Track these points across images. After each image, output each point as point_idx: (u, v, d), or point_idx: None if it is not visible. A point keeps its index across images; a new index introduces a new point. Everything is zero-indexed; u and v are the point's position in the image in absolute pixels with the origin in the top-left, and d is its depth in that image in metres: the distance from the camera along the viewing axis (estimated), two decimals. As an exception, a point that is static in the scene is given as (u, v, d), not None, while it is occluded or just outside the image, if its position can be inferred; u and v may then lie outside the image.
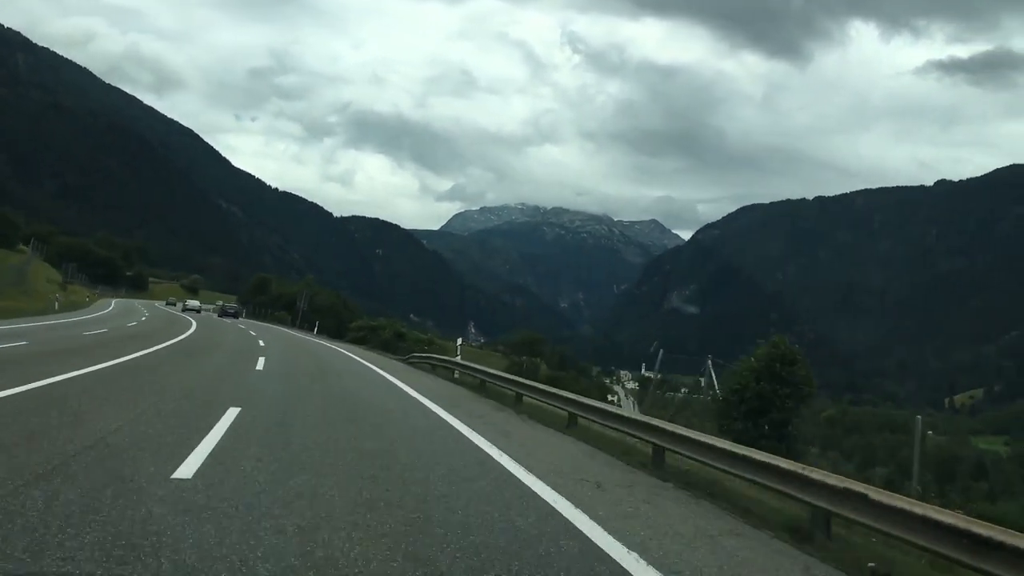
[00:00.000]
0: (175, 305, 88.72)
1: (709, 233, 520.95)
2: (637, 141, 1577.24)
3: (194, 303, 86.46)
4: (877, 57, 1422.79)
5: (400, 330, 56.10)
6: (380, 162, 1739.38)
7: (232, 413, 10.81)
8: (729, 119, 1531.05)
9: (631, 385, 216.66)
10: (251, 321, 74.26)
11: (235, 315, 75.90)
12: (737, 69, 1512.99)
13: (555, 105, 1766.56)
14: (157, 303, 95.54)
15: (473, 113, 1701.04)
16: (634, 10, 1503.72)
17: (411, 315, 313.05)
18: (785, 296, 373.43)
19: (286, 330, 63.91)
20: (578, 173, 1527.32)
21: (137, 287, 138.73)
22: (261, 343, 32.52)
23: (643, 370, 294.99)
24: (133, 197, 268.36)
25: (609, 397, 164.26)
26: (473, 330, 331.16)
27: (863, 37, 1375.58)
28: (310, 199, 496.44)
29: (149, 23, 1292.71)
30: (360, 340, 52.83)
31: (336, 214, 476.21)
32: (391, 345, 47.07)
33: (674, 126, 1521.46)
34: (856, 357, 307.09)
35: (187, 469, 7.07)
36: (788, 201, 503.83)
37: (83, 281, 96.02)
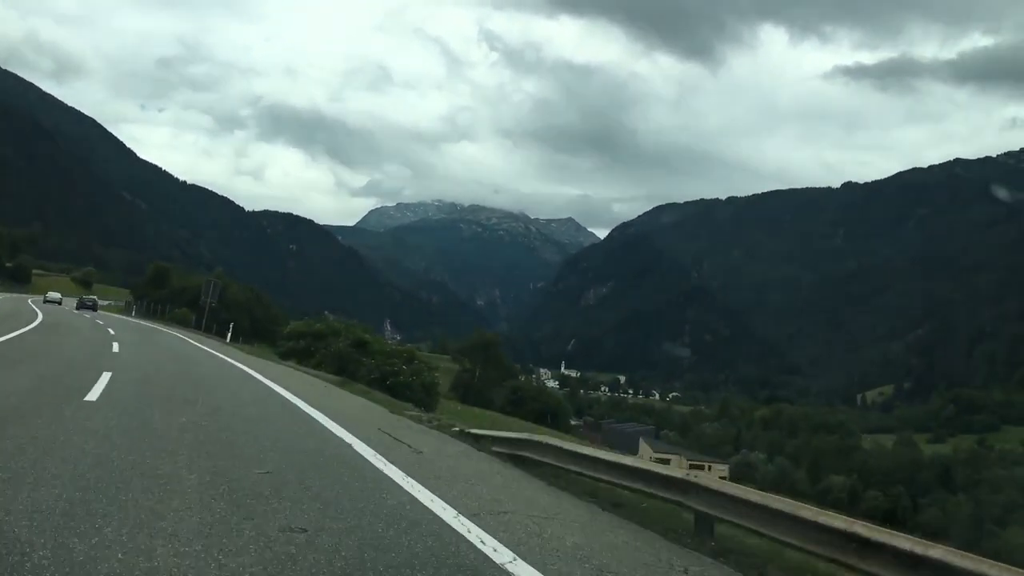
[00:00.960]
0: (59, 303, 74.35)
1: (625, 231, 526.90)
2: (554, 140, 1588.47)
3: (55, 295, 79.68)
4: (786, 61, 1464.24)
5: (363, 338, 35.81)
6: (294, 156, 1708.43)
7: None
8: (644, 119, 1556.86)
9: (552, 384, 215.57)
10: (138, 323, 56.27)
11: (92, 307, 70.04)
12: (651, 70, 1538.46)
13: (472, 102, 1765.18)
14: (31, 298, 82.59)
15: (389, 108, 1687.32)
16: (550, 8, 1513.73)
17: (326, 312, 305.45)
18: (701, 293, 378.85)
19: (180, 335, 42.89)
20: (495, 171, 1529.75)
21: (17, 279, 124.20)
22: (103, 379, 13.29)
23: (563, 368, 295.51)
24: (28, 187, 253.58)
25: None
26: (389, 327, 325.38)
27: (773, 41, 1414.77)
28: (221, 193, 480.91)
29: (49, 7, 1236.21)
30: (299, 354, 35.80)
31: (248, 208, 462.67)
32: (350, 363, 30.50)
33: (590, 125, 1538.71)
34: (769, 354, 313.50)
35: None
36: (702, 200, 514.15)
37: None
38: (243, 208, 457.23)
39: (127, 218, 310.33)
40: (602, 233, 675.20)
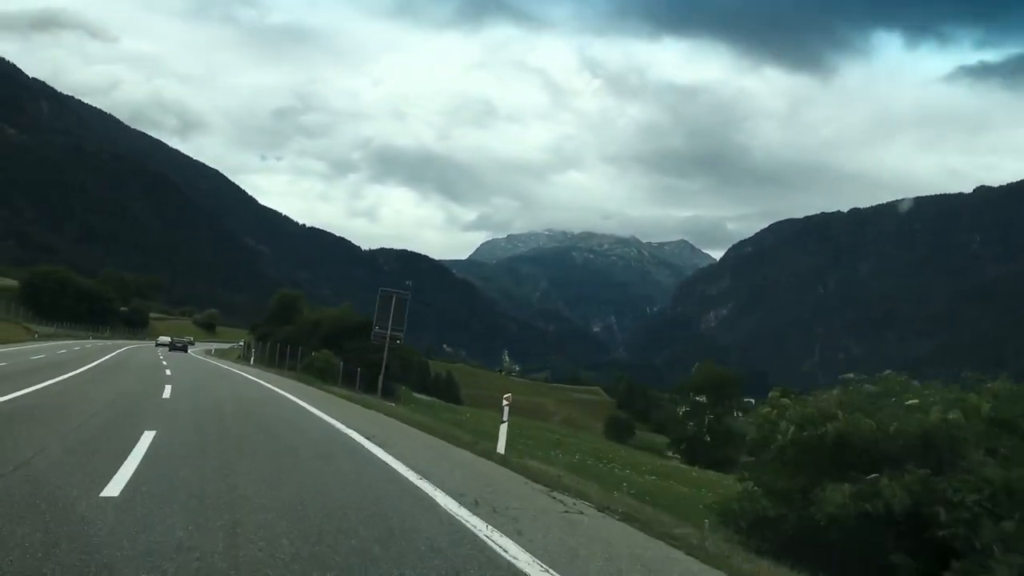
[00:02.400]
0: (167, 346, 70.55)
1: (742, 250, 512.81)
2: (661, 162, 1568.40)
3: (165, 339, 76.32)
4: (902, 66, 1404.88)
5: None
6: (405, 195, 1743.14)
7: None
8: (753, 135, 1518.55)
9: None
10: (257, 373, 39.98)
11: (183, 348, 69.65)
12: (759, 85, 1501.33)
13: (576, 130, 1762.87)
14: (135, 344, 76.26)
15: (495, 142, 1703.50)
16: (652, 31, 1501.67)
17: (444, 345, 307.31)
18: (828, 310, 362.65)
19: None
20: (603, 197, 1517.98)
21: (134, 324, 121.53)
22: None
23: (691, 394, 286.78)
24: (159, 238, 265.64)
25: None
26: (507, 358, 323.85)
27: (888, 46, 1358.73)
28: (337, 234, 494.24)
29: (171, 68, 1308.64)
30: None
31: (364, 247, 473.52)
32: None
33: (697, 145, 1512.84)
34: (908, 370, 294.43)
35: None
36: (822, 214, 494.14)
37: (19, 315, 77.74)
38: (359, 248, 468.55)
39: (251, 263, 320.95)
40: (717, 253, 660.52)
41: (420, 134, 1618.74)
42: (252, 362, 57.39)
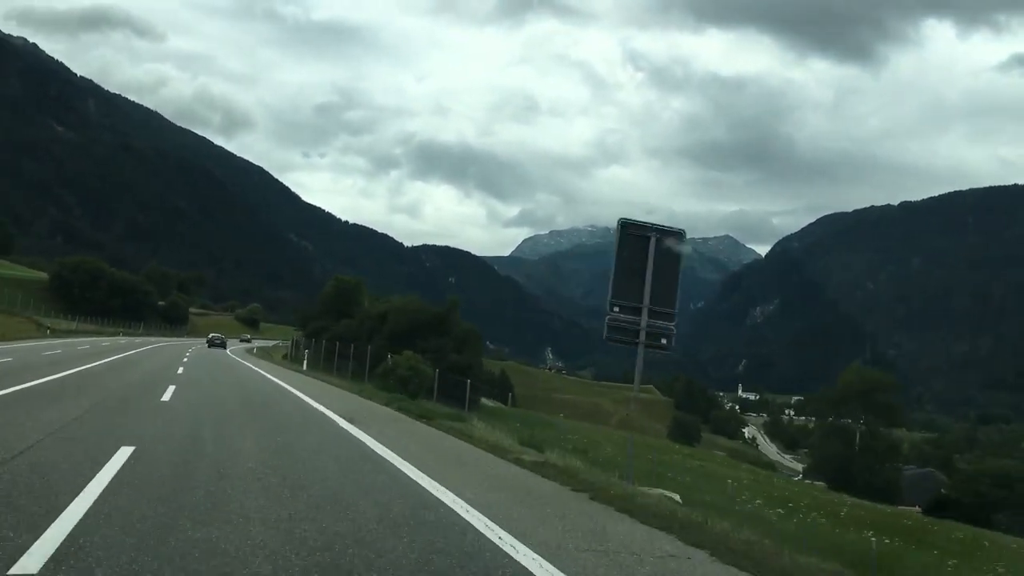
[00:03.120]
0: (221, 344, 65.98)
1: (788, 244, 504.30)
2: (705, 156, 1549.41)
3: (220, 337, 72.00)
4: (954, 55, 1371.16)
5: None
6: (447, 191, 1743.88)
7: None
8: (800, 128, 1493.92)
9: (729, 407, 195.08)
10: (320, 388, 26.44)
11: (221, 345, 65.87)
12: (806, 77, 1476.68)
13: (619, 124, 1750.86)
14: (187, 343, 69.30)
15: (537, 137, 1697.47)
16: (696, 23, 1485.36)
17: (488, 342, 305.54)
18: (879, 305, 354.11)
19: None
20: (646, 191, 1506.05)
21: (172, 320, 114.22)
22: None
23: (740, 391, 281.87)
24: (204, 235, 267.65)
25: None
26: (551, 355, 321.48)
27: (939, 36, 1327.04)
28: (380, 230, 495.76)
29: (217, 67, 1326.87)
30: None
31: (407, 244, 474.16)
32: None
33: (742, 138, 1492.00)
34: (965, 367, 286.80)
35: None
36: (872, 208, 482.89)
37: (39, 309, 70.22)
38: (402, 244, 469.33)
39: (295, 259, 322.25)
40: (762, 249, 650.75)
41: (462, 130, 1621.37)
42: (306, 366, 42.48)
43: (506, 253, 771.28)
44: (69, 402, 13.17)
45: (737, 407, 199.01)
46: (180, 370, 27.25)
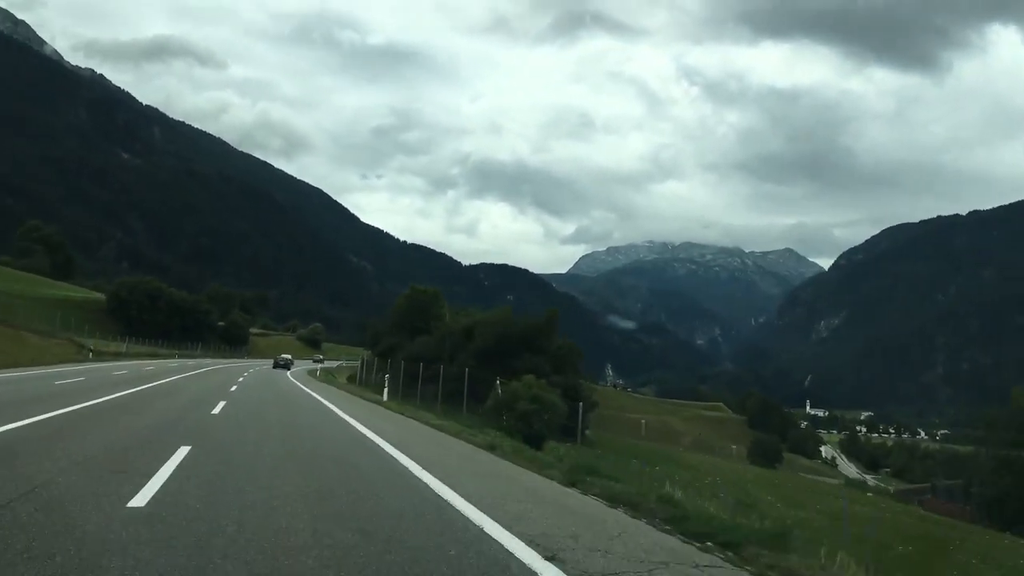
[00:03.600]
0: (284, 365, 64.74)
1: (853, 257, 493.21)
2: (762, 169, 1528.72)
3: (286, 357, 71.18)
4: (1020, 61, 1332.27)
5: None
6: (503, 210, 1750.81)
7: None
8: (860, 138, 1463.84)
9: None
10: (396, 422, 20.15)
11: (285, 366, 64.42)
12: (865, 86, 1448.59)
13: (674, 139, 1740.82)
14: (244, 364, 66.24)
15: (592, 154, 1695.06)
16: (751, 36, 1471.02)
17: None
18: (951, 318, 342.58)
19: None
20: (703, 206, 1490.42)
21: (231, 341, 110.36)
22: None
23: (808, 407, 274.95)
24: (265, 257, 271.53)
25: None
26: (611, 372, 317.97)
27: (1004, 42, 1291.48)
28: (438, 250, 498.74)
29: (276, 92, 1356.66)
30: None
31: (464, 263, 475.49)
32: None
33: (800, 150, 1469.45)
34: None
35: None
36: (940, 218, 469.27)
37: (82, 330, 63.80)
38: (460, 263, 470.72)
39: (354, 279, 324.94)
40: (824, 262, 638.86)
41: (517, 148, 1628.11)
42: (386, 395, 32.96)
43: (564, 270, 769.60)
44: None
45: (807, 424, 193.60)
46: (217, 408, 18.51)
